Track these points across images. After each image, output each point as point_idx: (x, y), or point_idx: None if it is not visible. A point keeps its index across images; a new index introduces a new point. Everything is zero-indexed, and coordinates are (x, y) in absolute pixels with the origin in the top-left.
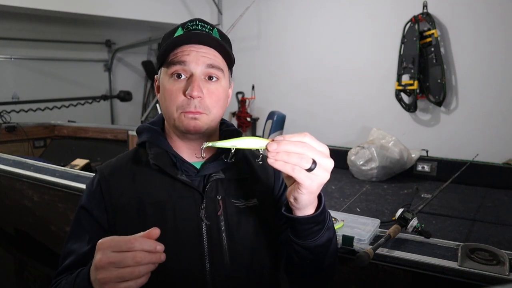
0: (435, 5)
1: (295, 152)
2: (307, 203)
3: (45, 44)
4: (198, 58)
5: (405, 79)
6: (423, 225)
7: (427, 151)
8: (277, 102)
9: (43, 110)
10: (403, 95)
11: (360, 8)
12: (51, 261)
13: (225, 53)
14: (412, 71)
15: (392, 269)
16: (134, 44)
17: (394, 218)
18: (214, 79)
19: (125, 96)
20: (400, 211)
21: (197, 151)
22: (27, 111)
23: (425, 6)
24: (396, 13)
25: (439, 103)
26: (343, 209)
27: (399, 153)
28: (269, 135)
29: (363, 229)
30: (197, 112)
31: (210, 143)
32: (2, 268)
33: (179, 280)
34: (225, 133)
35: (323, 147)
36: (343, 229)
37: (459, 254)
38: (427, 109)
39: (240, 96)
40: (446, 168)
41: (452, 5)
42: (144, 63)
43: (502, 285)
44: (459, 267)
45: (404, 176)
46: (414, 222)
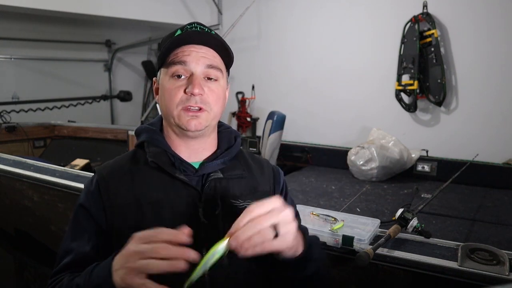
0: (435, 5)
1: (253, 233)
2: (293, 252)
3: (45, 44)
4: (198, 58)
5: (405, 79)
6: (423, 225)
7: (427, 151)
8: (277, 102)
9: (43, 110)
10: (403, 95)
11: (360, 8)
12: (51, 261)
13: (224, 53)
14: (412, 71)
15: (392, 269)
16: (134, 44)
17: (394, 218)
18: (213, 79)
19: (125, 96)
20: (400, 211)
21: (196, 151)
22: (27, 111)
23: (425, 6)
24: (396, 13)
25: (439, 103)
26: (343, 209)
27: (399, 153)
28: (269, 135)
29: (363, 229)
30: (198, 107)
31: (186, 283)
32: (2, 268)
33: (177, 280)
34: (224, 134)
35: (270, 205)
36: (343, 229)
37: (459, 254)
38: (427, 109)
39: (240, 96)
40: (446, 168)
41: (452, 5)
42: (144, 63)
43: (502, 285)
44: (459, 267)
45: (404, 176)
46: (414, 222)
